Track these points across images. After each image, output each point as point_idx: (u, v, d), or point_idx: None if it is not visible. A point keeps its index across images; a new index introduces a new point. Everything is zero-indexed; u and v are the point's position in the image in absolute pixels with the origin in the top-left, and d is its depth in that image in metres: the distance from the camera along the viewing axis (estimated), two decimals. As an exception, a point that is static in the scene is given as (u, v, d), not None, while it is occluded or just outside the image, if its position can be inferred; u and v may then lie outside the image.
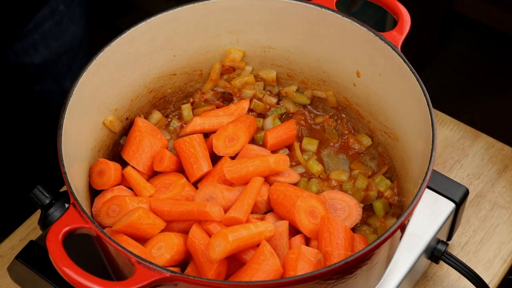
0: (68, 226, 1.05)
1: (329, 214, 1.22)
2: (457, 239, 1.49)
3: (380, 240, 1.04)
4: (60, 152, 1.12)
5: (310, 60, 1.37)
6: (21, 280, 1.36)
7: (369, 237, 1.25)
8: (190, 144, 1.28)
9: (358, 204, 1.26)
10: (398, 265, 1.29)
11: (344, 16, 1.28)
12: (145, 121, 1.34)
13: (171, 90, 1.40)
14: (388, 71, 1.26)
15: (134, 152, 1.28)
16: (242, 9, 1.33)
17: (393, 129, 1.29)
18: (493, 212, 1.53)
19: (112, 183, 1.25)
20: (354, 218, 1.25)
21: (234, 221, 1.17)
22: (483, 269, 1.45)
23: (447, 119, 1.68)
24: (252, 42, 1.38)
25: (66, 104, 1.17)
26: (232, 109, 1.38)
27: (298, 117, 1.41)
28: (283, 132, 1.35)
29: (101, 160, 1.26)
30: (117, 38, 1.26)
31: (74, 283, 1.00)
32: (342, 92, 1.38)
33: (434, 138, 1.13)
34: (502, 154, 1.62)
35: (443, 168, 1.59)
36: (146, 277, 0.99)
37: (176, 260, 1.16)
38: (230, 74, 1.41)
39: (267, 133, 1.34)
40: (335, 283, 1.05)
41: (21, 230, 1.51)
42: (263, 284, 1.00)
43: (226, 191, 1.22)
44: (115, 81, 1.29)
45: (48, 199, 1.25)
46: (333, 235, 1.15)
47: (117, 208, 1.21)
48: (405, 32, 1.26)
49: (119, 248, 1.02)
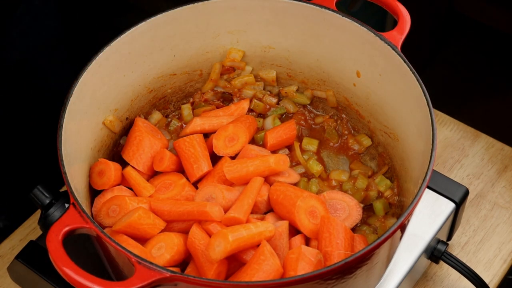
0: (68, 226, 1.05)
1: (329, 214, 1.22)
2: (457, 239, 1.49)
3: (380, 240, 1.04)
4: (60, 152, 1.12)
5: (310, 60, 1.37)
6: (21, 280, 1.36)
7: (369, 237, 1.25)
8: (190, 144, 1.28)
9: (358, 204, 1.26)
10: (398, 265, 1.29)
11: (344, 16, 1.28)
12: (145, 121, 1.34)
13: (171, 90, 1.40)
14: (388, 71, 1.26)
15: (134, 152, 1.28)
16: (242, 9, 1.33)
17: (393, 129, 1.29)
18: (493, 212, 1.53)
19: (112, 183, 1.25)
20: (354, 218, 1.25)
21: (234, 221, 1.17)
22: (483, 269, 1.44)
23: (447, 119, 1.68)
24: (252, 42, 1.38)
25: (66, 104, 1.17)
26: (232, 109, 1.38)
27: (298, 117, 1.41)
28: (283, 132, 1.35)
29: (101, 160, 1.26)
30: (117, 38, 1.26)
31: (74, 283, 1.00)
32: (342, 92, 1.38)
33: (434, 138, 1.13)
34: (502, 154, 1.62)
35: (443, 168, 1.59)
36: (146, 277, 0.99)
37: (176, 260, 1.16)
38: (230, 74, 1.41)
39: (267, 133, 1.34)
40: (335, 283, 1.05)
41: (21, 230, 1.51)
42: (263, 284, 1.00)
43: (226, 191, 1.22)
44: (115, 81, 1.29)
45: (48, 199, 1.25)
46: (333, 235, 1.15)
47: (117, 208, 1.21)
48: (405, 32, 1.26)
49: (119, 248, 1.02)
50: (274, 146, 1.34)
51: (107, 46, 1.25)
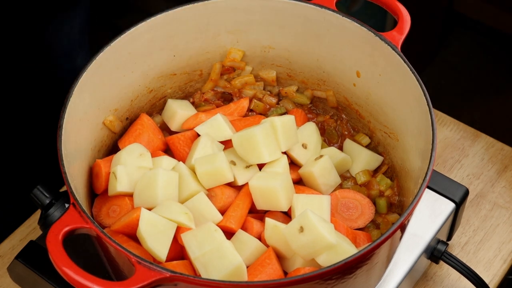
0: (68, 226, 1.05)
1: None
2: (457, 239, 1.49)
3: (380, 240, 1.04)
4: (60, 152, 1.12)
5: (310, 60, 1.37)
6: (21, 280, 1.36)
7: (372, 233, 1.25)
8: (185, 143, 1.28)
9: (370, 203, 1.26)
10: (398, 265, 1.29)
11: (344, 16, 1.28)
12: (150, 119, 1.34)
13: (171, 90, 1.40)
14: (388, 71, 1.26)
15: (130, 143, 1.28)
16: (242, 9, 1.33)
17: (393, 129, 1.29)
18: (493, 212, 1.53)
19: (105, 188, 1.24)
20: (367, 217, 1.25)
21: (227, 229, 1.18)
22: (483, 269, 1.44)
23: (447, 119, 1.68)
24: (252, 42, 1.38)
25: (66, 104, 1.17)
26: (232, 108, 1.38)
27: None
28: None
29: (96, 162, 1.25)
30: (117, 38, 1.26)
31: (74, 283, 1.00)
32: (342, 92, 1.38)
33: (434, 138, 1.13)
34: (502, 154, 1.62)
35: (443, 168, 1.59)
36: (146, 277, 0.99)
37: (172, 258, 1.16)
38: (230, 74, 1.41)
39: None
40: (335, 283, 1.05)
41: (21, 230, 1.51)
42: (263, 284, 1.00)
43: (225, 189, 1.22)
44: (115, 81, 1.29)
45: (48, 199, 1.25)
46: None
47: (117, 208, 1.21)
48: (405, 32, 1.26)
49: (119, 248, 1.02)
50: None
51: (107, 46, 1.25)
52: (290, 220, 1.21)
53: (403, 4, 1.30)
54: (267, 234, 1.16)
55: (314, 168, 1.25)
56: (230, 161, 1.23)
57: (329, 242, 1.08)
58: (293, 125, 1.25)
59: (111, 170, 1.22)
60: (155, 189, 1.17)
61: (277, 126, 1.23)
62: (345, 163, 1.32)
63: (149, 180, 1.18)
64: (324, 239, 1.08)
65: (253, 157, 1.22)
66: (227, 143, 1.29)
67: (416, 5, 2.13)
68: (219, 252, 1.10)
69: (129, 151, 1.24)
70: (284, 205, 1.20)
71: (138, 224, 1.12)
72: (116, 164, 1.22)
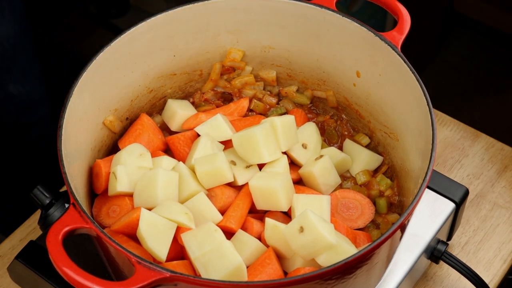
0: (68, 226, 1.05)
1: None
2: (457, 239, 1.49)
3: (380, 240, 1.04)
4: (60, 152, 1.12)
5: (310, 60, 1.37)
6: (21, 280, 1.36)
7: (372, 233, 1.25)
8: (185, 143, 1.28)
9: (370, 203, 1.26)
10: (398, 265, 1.29)
11: (344, 16, 1.28)
12: (150, 119, 1.34)
13: (171, 90, 1.40)
14: (388, 71, 1.26)
15: (130, 143, 1.28)
16: (242, 9, 1.33)
17: (393, 129, 1.29)
18: (493, 212, 1.53)
19: (105, 188, 1.24)
20: (367, 217, 1.25)
21: (227, 229, 1.18)
22: (483, 269, 1.45)
23: (447, 119, 1.68)
24: (252, 42, 1.38)
25: (66, 104, 1.17)
26: (232, 108, 1.38)
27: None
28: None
29: (96, 162, 1.25)
30: (117, 38, 1.26)
31: (74, 283, 1.00)
32: (342, 92, 1.38)
33: (434, 138, 1.13)
34: (502, 154, 1.62)
35: (443, 168, 1.59)
36: (146, 277, 0.99)
37: (172, 258, 1.16)
38: (230, 74, 1.41)
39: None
40: (335, 283, 1.05)
41: (21, 230, 1.51)
42: (263, 284, 1.00)
43: (225, 189, 1.22)
44: (115, 81, 1.29)
45: (48, 199, 1.25)
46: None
47: (117, 209, 1.21)
48: (405, 32, 1.26)
49: (119, 248, 1.02)
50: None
51: (107, 46, 1.25)
52: (290, 220, 1.21)
53: (403, 4, 1.30)
54: (267, 234, 1.16)
55: (314, 168, 1.25)
56: (230, 161, 1.23)
57: (329, 242, 1.09)
58: (293, 125, 1.25)
59: (111, 170, 1.22)
60: (155, 189, 1.17)
61: (277, 126, 1.23)
62: (345, 163, 1.32)
63: (149, 180, 1.18)
64: (324, 239, 1.08)
65: (253, 157, 1.22)
66: (227, 143, 1.29)
67: (416, 5, 2.13)
68: (219, 252, 1.10)
69: (129, 151, 1.24)
70: (284, 205, 1.20)
71: (138, 224, 1.12)
72: (116, 164, 1.22)
